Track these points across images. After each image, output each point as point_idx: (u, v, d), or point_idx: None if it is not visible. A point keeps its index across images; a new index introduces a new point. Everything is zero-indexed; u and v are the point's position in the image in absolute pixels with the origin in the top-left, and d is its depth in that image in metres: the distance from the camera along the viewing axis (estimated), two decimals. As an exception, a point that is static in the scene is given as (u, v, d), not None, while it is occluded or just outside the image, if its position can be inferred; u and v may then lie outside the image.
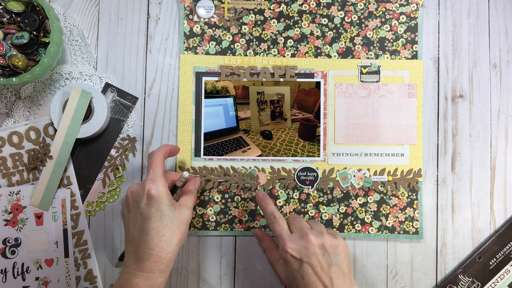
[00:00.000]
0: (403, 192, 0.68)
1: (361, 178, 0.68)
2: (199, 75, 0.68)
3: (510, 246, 0.67)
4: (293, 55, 0.68)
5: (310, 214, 0.67)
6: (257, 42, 0.68)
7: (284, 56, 0.68)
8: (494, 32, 0.69)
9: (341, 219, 0.68)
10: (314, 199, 0.68)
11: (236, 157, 0.68)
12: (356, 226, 0.68)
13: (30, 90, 0.66)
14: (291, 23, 0.69)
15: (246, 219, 0.67)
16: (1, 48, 0.60)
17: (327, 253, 0.55)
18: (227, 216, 0.67)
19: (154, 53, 0.68)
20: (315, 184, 0.68)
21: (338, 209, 0.68)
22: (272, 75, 0.68)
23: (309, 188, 0.68)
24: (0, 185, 0.66)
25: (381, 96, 0.68)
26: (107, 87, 0.68)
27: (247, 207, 0.68)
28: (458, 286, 0.67)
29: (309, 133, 0.68)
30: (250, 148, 0.68)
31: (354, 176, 0.68)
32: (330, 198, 0.68)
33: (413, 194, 0.68)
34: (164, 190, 0.55)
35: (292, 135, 0.68)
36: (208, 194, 0.67)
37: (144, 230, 0.53)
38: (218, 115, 0.68)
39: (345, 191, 0.68)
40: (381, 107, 0.68)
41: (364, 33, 0.69)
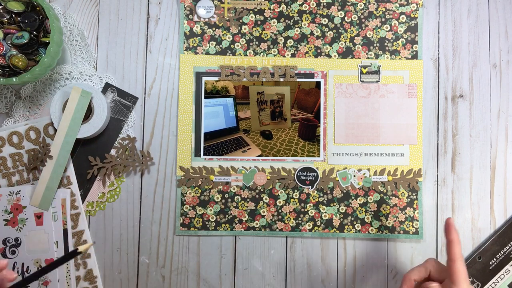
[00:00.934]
0: (403, 192, 0.68)
1: (361, 178, 0.68)
2: (199, 75, 0.68)
3: (510, 246, 0.67)
4: (293, 55, 0.68)
5: (310, 214, 0.67)
6: (257, 42, 0.68)
7: (284, 56, 0.68)
8: (494, 32, 0.69)
9: (341, 219, 0.68)
10: (314, 199, 0.68)
11: (236, 157, 0.68)
12: (356, 226, 0.68)
13: (30, 90, 0.66)
14: (291, 23, 0.69)
15: (246, 219, 0.67)
16: (1, 48, 0.60)
17: None
18: (227, 216, 0.67)
19: (154, 53, 0.68)
20: (315, 184, 0.68)
21: (338, 209, 0.68)
22: (272, 75, 0.68)
23: (309, 188, 0.68)
24: (0, 185, 0.66)
25: (381, 96, 0.68)
26: (107, 87, 0.67)
27: (247, 207, 0.68)
28: (458, 286, 0.67)
29: (309, 133, 0.68)
30: (250, 148, 0.68)
31: (354, 176, 0.68)
32: (330, 198, 0.68)
33: (413, 194, 0.68)
34: None
35: (292, 135, 0.68)
36: (208, 194, 0.67)
37: None
38: (218, 115, 0.68)
39: (345, 191, 0.68)
40: (381, 107, 0.68)
41: (364, 33, 0.69)
